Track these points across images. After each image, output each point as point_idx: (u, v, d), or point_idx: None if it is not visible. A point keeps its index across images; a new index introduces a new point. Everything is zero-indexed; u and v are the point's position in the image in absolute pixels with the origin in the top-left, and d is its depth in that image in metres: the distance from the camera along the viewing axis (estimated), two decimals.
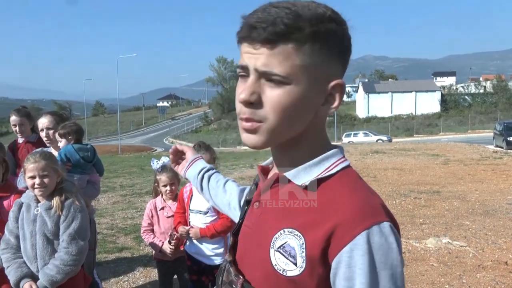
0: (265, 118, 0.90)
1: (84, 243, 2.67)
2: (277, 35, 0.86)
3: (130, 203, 10.00)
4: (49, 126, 3.67)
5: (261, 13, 0.88)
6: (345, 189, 0.93)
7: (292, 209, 0.96)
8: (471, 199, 9.28)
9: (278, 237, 0.93)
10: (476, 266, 5.26)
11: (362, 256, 0.84)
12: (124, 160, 23.18)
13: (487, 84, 67.34)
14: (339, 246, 0.85)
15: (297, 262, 0.89)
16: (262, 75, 0.89)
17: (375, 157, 19.04)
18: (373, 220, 0.86)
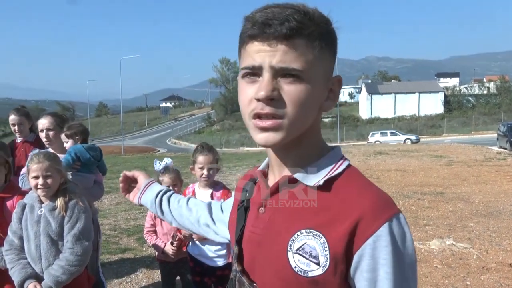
0: (286, 114, 0.91)
1: (88, 243, 2.67)
2: (293, 30, 0.88)
3: (133, 204, 9.98)
4: (49, 127, 3.67)
5: (267, 11, 0.90)
6: (358, 186, 0.96)
7: (304, 210, 0.96)
8: (475, 201, 9.25)
9: (295, 239, 0.93)
10: (480, 268, 5.23)
11: (386, 246, 0.87)
12: (127, 161, 23.22)
13: (490, 85, 67.27)
14: (362, 239, 0.88)
15: (320, 261, 0.90)
16: (278, 72, 0.90)
17: (378, 158, 19.00)
18: (391, 212, 0.91)
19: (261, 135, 0.93)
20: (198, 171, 3.33)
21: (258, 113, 0.91)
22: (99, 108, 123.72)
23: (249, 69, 0.92)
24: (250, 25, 0.91)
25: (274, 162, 1.05)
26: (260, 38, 0.90)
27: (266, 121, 0.91)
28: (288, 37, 0.88)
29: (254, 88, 0.92)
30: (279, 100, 0.90)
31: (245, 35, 0.93)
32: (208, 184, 3.39)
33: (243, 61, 0.95)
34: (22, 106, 4.64)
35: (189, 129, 76.22)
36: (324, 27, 0.93)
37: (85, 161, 3.49)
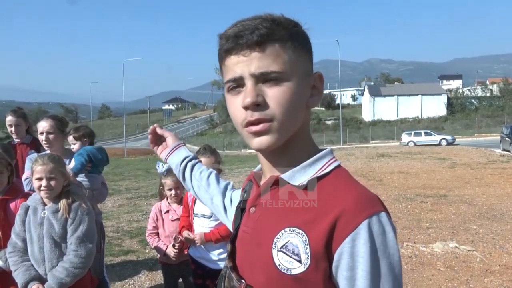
0: (274, 116, 0.93)
1: (92, 245, 2.68)
2: (264, 36, 0.92)
3: (136, 206, 10.02)
4: (49, 130, 3.67)
5: (237, 26, 0.95)
6: (342, 184, 0.97)
7: (291, 209, 0.99)
8: (478, 203, 9.22)
9: (280, 237, 0.96)
10: (484, 270, 5.21)
11: (364, 244, 0.87)
12: (129, 163, 23.27)
13: (493, 88, 67.05)
14: (342, 236, 0.88)
15: (301, 259, 0.91)
16: (259, 78, 0.94)
17: (381, 161, 18.97)
18: (372, 210, 0.90)
19: (255, 139, 0.96)
20: None
21: (249, 121, 0.94)
22: (101, 110, 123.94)
23: (232, 81, 0.97)
24: (225, 41, 0.96)
25: (264, 165, 1.08)
26: (235, 50, 0.95)
27: (257, 126, 0.94)
28: (260, 43, 0.92)
29: (240, 98, 0.96)
30: (265, 105, 0.93)
31: (222, 51, 0.98)
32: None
33: (225, 76, 0.99)
34: (19, 108, 4.67)
35: (192, 131, 76.28)
36: (293, 29, 0.97)
37: (96, 162, 3.55)
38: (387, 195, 10.46)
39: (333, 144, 45.76)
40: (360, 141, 48.59)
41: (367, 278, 0.87)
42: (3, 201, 2.95)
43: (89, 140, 3.70)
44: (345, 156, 22.65)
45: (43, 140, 3.71)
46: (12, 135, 4.41)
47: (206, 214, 3.38)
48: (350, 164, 17.84)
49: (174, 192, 3.77)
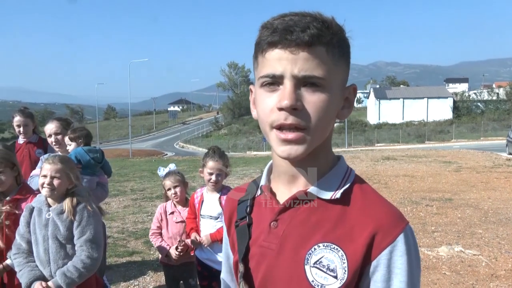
0: (308, 124, 0.89)
1: (101, 248, 2.69)
2: (314, 37, 0.87)
3: (141, 207, 10.04)
4: (57, 132, 3.75)
5: (285, 19, 0.89)
6: (370, 198, 0.97)
7: (320, 223, 0.96)
8: (484, 207, 9.18)
9: (312, 252, 0.93)
10: (489, 275, 5.19)
11: (401, 256, 0.89)
12: (134, 164, 23.32)
13: (500, 91, 66.72)
14: (379, 249, 0.89)
15: (338, 274, 0.91)
16: (300, 81, 0.88)
17: (386, 164, 18.91)
18: (404, 223, 0.93)
19: (284, 147, 0.91)
20: (207, 175, 3.36)
21: (281, 124, 0.89)
22: (107, 111, 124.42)
23: (269, 77, 0.90)
24: (270, 32, 0.89)
25: (284, 173, 1.02)
26: (281, 45, 0.88)
27: (289, 134, 0.89)
28: (310, 44, 0.87)
29: (275, 97, 0.90)
30: (302, 110, 0.88)
31: (264, 42, 0.91)
32: (215, 189, 3.41)
33: (262, 69, 0.92)
34: (26, 108, 4.71)
35: (197, 133, 76.43)
36: (341, 36, 0.92)
37: (85, 164, 3.54)
38: (393, 199, 10.42)
39: (338, 146, 45.69)
40: (365, 144, 48.49)
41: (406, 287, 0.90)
42: (14, 201, 2.97)
43: (84, 141, 3.71)
44: (350, 159, 22.60)
45: (52, 142, 3.76)
46: (20, 135, 4.45)
47: (213, 215, 3.39)
48: (355, 167, 17.71)
49: (173, 191, 3.79)
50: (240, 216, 1.11)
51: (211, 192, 3.44)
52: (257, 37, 0.93)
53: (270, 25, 0.90)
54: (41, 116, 72.73)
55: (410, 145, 42.15)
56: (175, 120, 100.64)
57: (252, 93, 1.02)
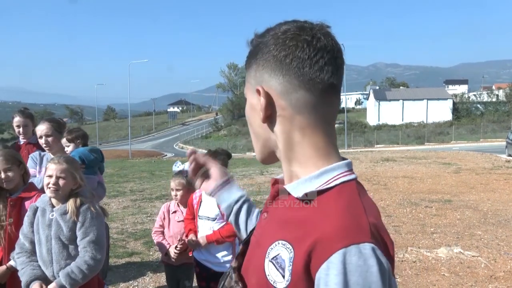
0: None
1: (104, 249, 2.69)
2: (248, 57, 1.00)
3: (140, 208, 10.04)
4: (48, 133, 3.73)
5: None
6: (336, 204, 0.90)
7: (288, 221, 0.95)
8: (483, 209, 9.19)
9: (273, 248, 0.93)
10: (488, 276, 5.19)
11: (337, 275, 0.80)
12: (134, 165, 23.31)
13: (499, 93, 66.76)
14: (319, 262, 0.83)
15: (285, 275, 0.88)
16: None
17: (386, 165, 18.93)
18: (352, 240, 0.82)
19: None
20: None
21: None
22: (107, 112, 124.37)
23: None
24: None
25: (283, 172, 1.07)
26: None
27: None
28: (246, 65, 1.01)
29: None
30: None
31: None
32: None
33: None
34: (26, 108, 4.72)
35: (196, 133, 76.36)
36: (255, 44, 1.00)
37: (89, 163, 3.56)
38: (392, 200, 10.44)
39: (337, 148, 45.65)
40: (364, 145, 48.48)
41: None
42: (19, 200, 2.98)
43: (82, 142, 3.72)
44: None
45: (43, 144, 3.76)
46: (20, 135, 4.45)
47: (211, 217, 3.40)
48: (354, 169, 17.43)
49: (174, 193, 3.82)
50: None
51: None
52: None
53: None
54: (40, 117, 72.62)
55: (410, 147, 42.17)
56: (175, 121, 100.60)
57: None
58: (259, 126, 1.00)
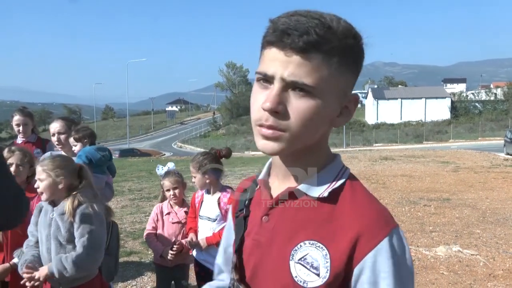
0: (289, 128, 0.89)
1: (100, 251, 2.64)
2: (310, 44, 0.85)
3: (139, 207, 10.03)
4: (60, 131, 3.74)
5: (291, 19, 0.87)
6: (359, 199, 0.96)
7: (308, 221, 0.97)
8: (481, 207, 9.19)
9: (298, 249, 0.95)
10: (487, 275, 5.19)
11: (387, 259, 0.88)
12: (132, 164, 23.29)
13: (498, 91, 66.89)
14: (363, 252, 0.89)
15: (320, 273, 0.91)
16: (289, 85, 0.88)
17: (384, 164, 18.94)
18: (391, 226, 0.92)
19: (262, 142, 0.92)
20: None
21: (261, 123, 0.90)
22: (105, 111, 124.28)
23: (262, 75, 0.90)
24: (272, 31, 0.89)
25: (279, 169, 1.05)
26: (276, 45, 0.88)
27: (267, 130, 0.90)
28: (304, 50, 0.85)
29: (264, 95, 0.90)
30: (284, 114, 0.88)
31: (264, 39, 0.91)
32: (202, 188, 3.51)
33: (260, 65, 0.93)
34: (25, 107, 4.71)
35: (195, 133, 76.41)
36: (348, 43, 0.89)
37: (96, 162, 3.55)
38: (390, 198, 10.44)
39: (336, 146, 45.73)
40: (363, 144, 48.57)
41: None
42: None
43: (89, 141, 3.71)
44: (348, 159, 22.61)
45: (55, 141, 3.75)
46: (19, 134, 4.44)
47: (211, 217, 3.39)
48: (353, 167, 17.76)
49: (172, 192, 3.78)
50: (240, 208, 1.14)
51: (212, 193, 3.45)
52: (264, 31, 0.92)
53: (274, 22, 0.89)
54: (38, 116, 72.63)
55: (408, 145, 42.25)
56: (173, 120, 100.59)
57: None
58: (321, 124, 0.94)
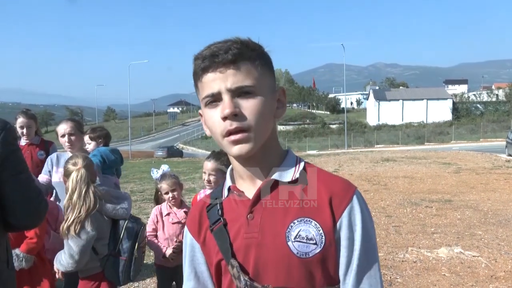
0: (250, 126, 1.06)
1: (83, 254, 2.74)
2: (236, 55, 1.05)
3: (141, 208, 10.04)
4: (71, 132, 3.78)
5: (211, 47, 1.08)
6: (323, 174, 1.18)
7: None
8: (483, 209, 9.18)
9: (290, 229, 1.10)
10: (489, 276, 5.19)
11: (358, 214, 1.11)
12: (134, 166, 23.33)
13: (499, 92, 66.83)
14: (339, 211, 1.10)
15: (316, 241, 1.09)
16: (234, 92, 1.06)
17: (386, 165, 18.93)
18: (353, 187, 1.15)
19: (236, 147, 1.07)
20: (203, 175, 3.43)
21: (228, 130, 1.06)
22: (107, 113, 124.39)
23: (210, 96, 1.08)
24: (201, 60, 1.08)
25: (243, 173, 1.18)
26: (211, 68, 1.06)
27: (236, 135, 1.06)
28: (234, 61, 1.05)
29: (218, 111, 1.07)
30: (242, 115, 1.06)
31: (198, 70, 1.09)
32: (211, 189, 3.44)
33: (202, 92, 1.10)
34: (28, 109, 4.72)
35: (196, 134, 76.36)
36: (260, 49, 1.12)
37: (109, 163, 3.58)
38: (392, 200, 10.44)
39: (337, 148, 45.69)
40: (364, 145, 48.51)
41: (361, 239, 1.10)
42: None
43: (104, 141, 3.76)
44: (349, 160, 22.61)
45: (65, 142, 3.78)
46: (23, 136, 4.44)
47: None
48: (354, 168, 17.83)
49: (171, 194, 3.78)
50: (213, 221, 1.21)
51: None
52: (193, 68, 1.12)
53: (200, 55, 1.09)
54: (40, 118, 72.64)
55: (410, 147, 42.20)
56: (175, 122, 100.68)
57: (202, 116, 1.17)
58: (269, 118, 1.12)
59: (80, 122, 4.09)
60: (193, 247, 1.26)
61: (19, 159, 1.82)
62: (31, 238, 3.00)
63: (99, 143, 3.70)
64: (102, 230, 2.85)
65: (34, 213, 1.83)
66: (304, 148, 47.71)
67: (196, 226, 1.25)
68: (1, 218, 1.77)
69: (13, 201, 1.75)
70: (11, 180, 1.74)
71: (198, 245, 1.25)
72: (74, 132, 3.77)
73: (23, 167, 1.83)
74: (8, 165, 1.74)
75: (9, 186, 1.73)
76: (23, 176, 1.80)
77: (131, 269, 2.94)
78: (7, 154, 1.74)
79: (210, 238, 1.21)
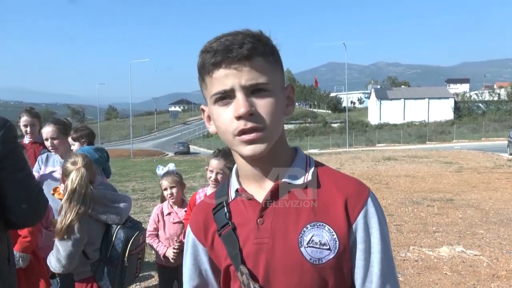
0: (265, 126, 1.01)
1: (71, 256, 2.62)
2: (252, 50, 0.99)
3: (142, 207, 10.06)
4: (53, 136, 3.71)
5: (222, 40, 1.01)
6: (336, 175, 1.14)
7: (301, 208, 1.08)
8: (485, 208, 9.17)
9: (303, 234, 1.05)
10: (490, 275, 5.19)
11: (373, 217, 1.07)
12: (136, 164, 23.35)
13: (501, 92, 66.73)
14: (354, 214, 1.06)
15: (330, 246, 1.04)
16: (249, 90, 1.00)
17: (387, 164, 18.92)
18: (367, 188, 1.11)
19: (249, 147, 1.01)
20: (209, 173, 3.37)
21: (242, 129, 1.00)
22: (108, 111, 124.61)
23: (221, 93, 1.01)
24: (212, 54, 1.00)
25: (251, 173, 1.12)
26: (225, 63, 0.99)
27: (251, 135, 1.00)
28: (249, 57, 0.99)
29: (230, 109, 1.01)
30: (256, 114, 1.00)
31: (208, 64, 1.01)
32: (213, 189, 3.41)
33: (211, 88, 1.03)
34: (32, 108, 4.71)
35: (198, 133, 76.44)
36: (270, 43, 1.05)
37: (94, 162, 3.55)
38: (394, 199, 10.43)
39: (339, 147, 45.66)
40: (366, 144, 48.46)
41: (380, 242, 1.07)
42: None
43: (87, 140, 3.69)
44: (351, 159, 22.60)
45: (49, 146, 3.74)
46: (27, 135, 4.42)
47: None
48: (356, 167, 17.82)
49: (169, 191, 3.77)
50: (221, 225, 1.15)
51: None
52: (199, 61, 1.04)
53: (210, 48, 1.01)
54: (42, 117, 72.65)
55: (411, 146, 42.14)
56: (176, 120, 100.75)
57: (205, 112, 1.13)
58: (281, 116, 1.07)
59: (66, 123, 3.96)
60: (196, 247, 1.23)
61: (19, 157, 1.82)
62: (25, 237, 2.97)
63: (82, 143, 3.64)
64: (92, 234, 2.71)
65: (34, 211, 1.84)
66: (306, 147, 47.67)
67: (201, 229, 1.20)
68: (2, 215, 1.78)
69: (13, 198, 1.76)
70: (11, 178, 1.75)
71: (202, 246, 1.22)
72: (56, 136, 3.71)
73: (23, 164, 1.84)
74: (8, 163, 1.75)
75: (9, 184, 1.74)
76: (23, 173, 1.80)
77: (122, 277, 2.80)
78: (6, 152, 1.75)
79: (218, 242, 1.15)
